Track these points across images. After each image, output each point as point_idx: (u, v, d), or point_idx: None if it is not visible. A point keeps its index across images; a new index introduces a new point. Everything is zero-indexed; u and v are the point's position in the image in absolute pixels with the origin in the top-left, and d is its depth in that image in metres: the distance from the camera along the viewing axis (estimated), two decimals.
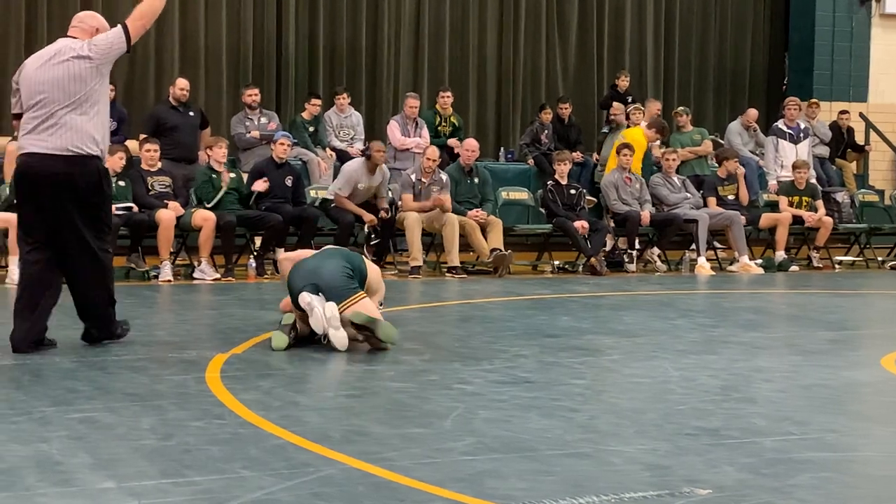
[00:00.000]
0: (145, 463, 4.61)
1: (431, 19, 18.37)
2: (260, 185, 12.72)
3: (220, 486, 4.28)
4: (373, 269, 8.24)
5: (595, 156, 16.56)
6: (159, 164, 12.67)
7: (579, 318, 9.52)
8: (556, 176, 14.28)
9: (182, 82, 14.02)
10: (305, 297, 7.45)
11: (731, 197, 15.03)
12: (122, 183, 12.21)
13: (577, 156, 15.95)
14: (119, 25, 7.45)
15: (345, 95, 15.49)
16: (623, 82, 17.44)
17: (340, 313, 7.46)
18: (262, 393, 6.09)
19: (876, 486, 4.66)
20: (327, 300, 7.47)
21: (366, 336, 7.51)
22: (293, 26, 17.42)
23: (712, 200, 14.88)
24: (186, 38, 16.86)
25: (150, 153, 12.48)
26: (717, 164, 15.63)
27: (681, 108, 17.25)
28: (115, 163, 12.15)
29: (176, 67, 16.37)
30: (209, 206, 12.44)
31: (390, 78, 17.95)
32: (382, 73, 17.90)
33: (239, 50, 17.11)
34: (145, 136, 13.20)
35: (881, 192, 17.98)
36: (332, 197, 13.39)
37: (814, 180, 16.55)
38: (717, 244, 15.27)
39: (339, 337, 7.41)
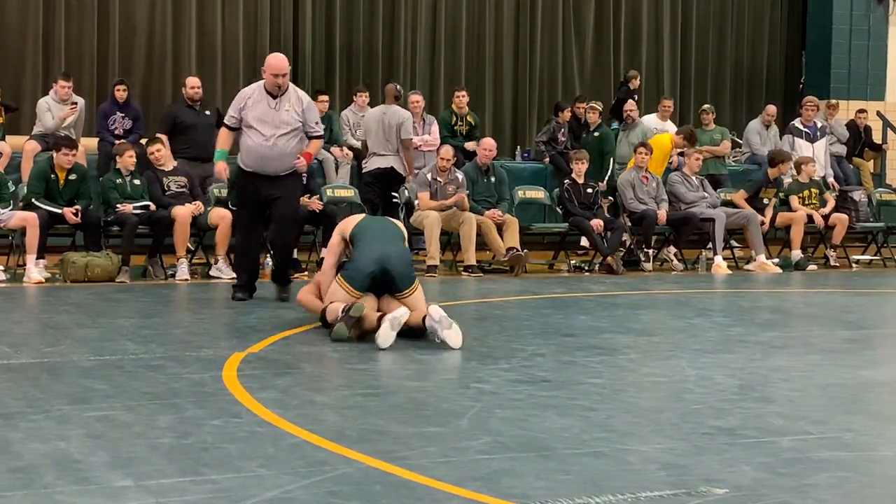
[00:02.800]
0: (163, 461, 4.63)
1: (448, 19, 18.37)
2: (315, 206, 12.64)
3: (238, 485, 4.29)
4: None
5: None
6: (174, 164, 12.66)
7: (596, 318, 9.51)
8: (574, 175, 14.25)
9: (193, 81, 13.98)
10: (437, 319, 7.69)
11: (765, 201, 14.91)
12: (137, 182, 12.24)
13: None
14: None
15: (364, 94, 15.48)
16: (635, 83, 17.39)
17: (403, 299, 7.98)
18: (279, 391, 6.10)
19: (893, 485, 4.65)
20: (396, 287, 7.96)
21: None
22: (310, 26, 17.45)
23: (741, 195, 14.83)
24: (203, 37, 16.89)
25: (154, 155, 12.45)
26: (769, 165, 15.27)
27: (706, 105, 17.24)
28: (125, 161, 12.19)
29: (193, 66, 16.40)
30: (234, 207, 12.37)
31: (406, 77, 17.94)
32: (399, 72, 17.90)
33: (255, 49, 17.12)
34: (158, 135, 13.21)
35: None
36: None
37: (831, 179, 16.51)
38: (734, 243, 15.23)
39: (453, 336, 7.62)
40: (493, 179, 13.97)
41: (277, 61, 9.88)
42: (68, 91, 13.67)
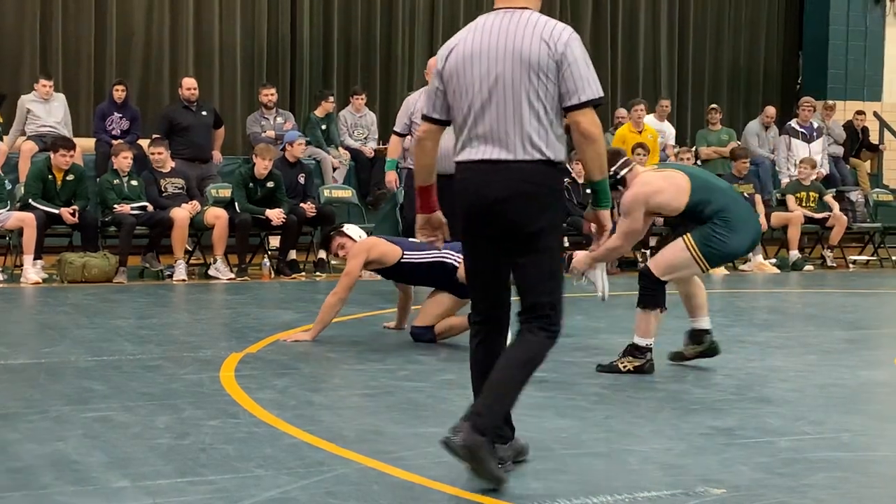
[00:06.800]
0: (161, 462, 4.62)
1: (446, 18, 18.33)
2: (309, 212, 12.64)
3: (236, 485, 4.29)
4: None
5: None
6: (171, 165, 12.65)
7: (594, 318, 9.51)
8: (574, 174, 14.24)
9: (189, 82, 13.96)
10: None
11: (745, 195, 14.96)
12: (134, 182, 12.24)
13: None
14: None
15: (363, 96, 15.46)
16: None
17: None
18: (276, 392, 6.10)
19: (892, 485, 4.65)
20: None
21: None
22: (307, 25, 17.41)
23: None
24: (201, 37, 16.85)
25: (155, 156, 12.45)
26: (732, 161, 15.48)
27: (714, 105, 17.26)
28: (120, 162, 12.19)
29: (190, 67, 16.36)
30: (240, 208, 12.33)
31: (405, 77, 17.91)
32: (397, 71, 17.88)
33: (253, 49, 17.10)
34: (157, 136, 13.20)
35: None
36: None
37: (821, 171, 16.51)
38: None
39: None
40: None
41: (433, 60, 10.33)
42: (49, 90, 13.69)
